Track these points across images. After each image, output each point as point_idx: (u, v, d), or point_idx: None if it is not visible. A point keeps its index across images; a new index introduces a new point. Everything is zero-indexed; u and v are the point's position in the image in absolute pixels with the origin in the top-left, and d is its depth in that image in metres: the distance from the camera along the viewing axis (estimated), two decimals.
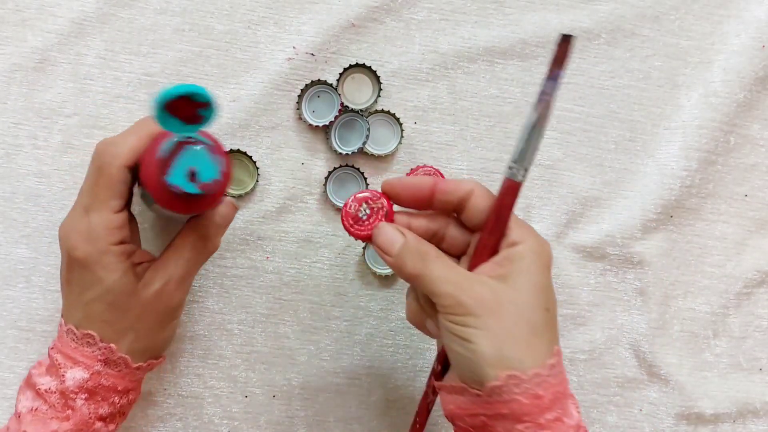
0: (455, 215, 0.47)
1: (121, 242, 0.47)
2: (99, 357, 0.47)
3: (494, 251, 0.44)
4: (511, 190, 0.43)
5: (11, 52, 0.57)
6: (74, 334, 0.47)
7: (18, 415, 0.47)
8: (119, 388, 0.49)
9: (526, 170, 0.43)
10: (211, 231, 0.49)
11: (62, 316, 0.49)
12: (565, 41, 0.42)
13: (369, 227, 0.45)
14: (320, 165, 0.60)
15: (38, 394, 0.47)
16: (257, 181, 0.59)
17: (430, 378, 0.47)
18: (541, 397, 0.40)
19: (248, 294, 0.59)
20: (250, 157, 0.58)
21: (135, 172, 0.47)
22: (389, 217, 0.45)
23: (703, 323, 0.64)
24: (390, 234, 0.44)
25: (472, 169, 0.61)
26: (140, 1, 0.58)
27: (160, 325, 0.49)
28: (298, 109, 0.59)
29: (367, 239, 0.45)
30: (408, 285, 0.48)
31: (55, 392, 0.47)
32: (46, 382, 0.47)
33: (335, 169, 0.59)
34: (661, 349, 0.63)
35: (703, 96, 0.63)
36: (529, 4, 0.62)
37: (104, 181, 0.46)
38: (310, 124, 0.58)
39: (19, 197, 0.57)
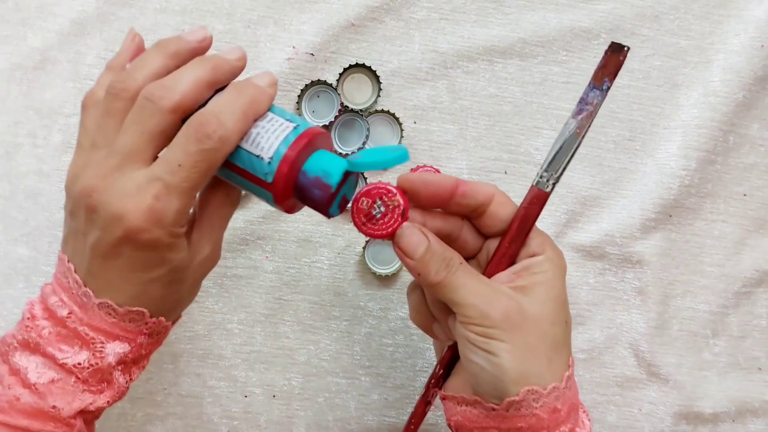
0: (467, 219, 0.45)
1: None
2: (144, 331, 0.42)
3: (513, 261, 0.43)
4: (538, 199, 0.42)
5: (11, 51, 0.57)
6: (113, 310, 0.40)
7: (33, 386, 0.40)
8: (151, 351, 0.45)
9: (556, 181, 0.42)
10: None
11: (87, 285, 0.40)
12: (620, 52, 0.41)
13: (385, 227, 0.42)
14: None
15: (62, 367, 0.40)
16: None
17: (429, 381, 0.46)
18: (559, 410, 0.40)
19: (248, 294, 0.59)
20: None
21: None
22: (405, 216, 0.42)
23: (702, 322, 0.64)
24: (415, 237, 0.41)
25: (472, 168, 0.61)
26: (140, 0, 0.58)
27: (199, 286, 0.45)
28: (297, 108, 0.59)
29: (382, 238, 0.42)
30: (409, 283, 0.47)
31: (87, 368, 0.40)
32: (71, 356, 0.40)
33: None
34: (660, 349, 0.63)
35: (702, 95, 0.63)
36: (528, 4, 0.62)
37: (210, 156, 0.38)
38: None
39: (19, 196, 0.57)
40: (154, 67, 0.40)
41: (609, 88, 0.42)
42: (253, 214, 0.59)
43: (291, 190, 0.40)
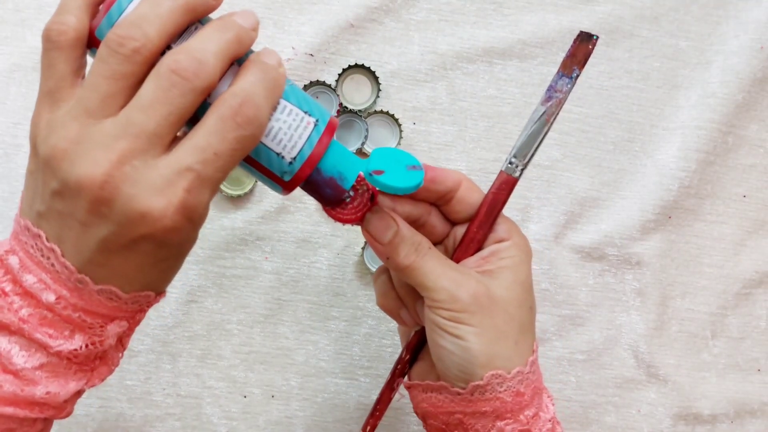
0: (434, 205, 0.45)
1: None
2: (145, 308, 0.39)
3: (480, 246, 0.43)
4: (506, 185, 0.43)
5: (10, 51, 0.57)
6: (116, 295, 0.36)
7: (20, 372, 0.35)
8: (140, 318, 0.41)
9: (524, 167, 0.43)
10: None
11: (82, 271, 0.34)
12: (589, 41, 0.41)
13: (354, 211, 0.42)
14: None
15: (57, 354, 0.36)
16: (256, 181, 0.59)
17: (396, 367, 0.46)
18: (523, 394, 0.41)
19: (247, 294, 0.59)
20: None
21: None
22: (374, 201, 0.42)
23: (702, 324, 0.64)
24: (383, 220, 0.41)
25: (471, 170, 0.61)
26: None
27: None
28: None
29: (351, 223, 0.42)
30: (377, 268, 0.47)
31: (85, 353, 0.36)
32: (64, 343, 0.35)
33: None
34: (659, 350, 0.63)
35: (701, 97, 0.63)
36: (527, 5, 0.62)
37: (241, 144, 0.34)
38: None
39: (19, 197, 0.57)
40: (169, 24, 0.34)
41: (578, 76, 0.42)
42: (252, 214, 0.59)
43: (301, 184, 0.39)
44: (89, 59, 0.35)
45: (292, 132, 0.37)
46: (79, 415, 0.57)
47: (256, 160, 0.37)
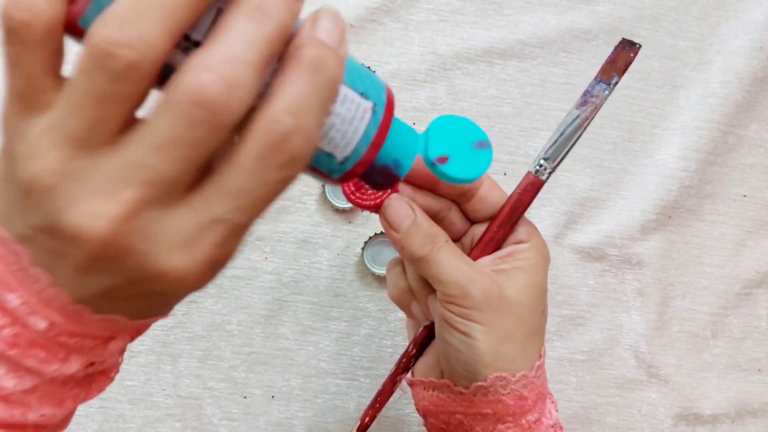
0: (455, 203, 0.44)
1: None
2: (149, 324, 0.33)
3: (499, 246, 0.43)
4: (533, 187, 0.42)
5: None
6: (120, 323, 0.30)
7: (9, 396, 0.29)
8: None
9: (553, 170, 0.42)
10: None
11: (73, 299, 0.28)
12: (632, 48, 0.41)
13: (373, 197, 0.41)
14: None
15: (53, 380, 0.30)
16: None
17: (401, 360, 0.45)
18: (526, 398, 0.40)
19: (247, 294, 0.59)
20: None
21: None
22: (395, 188, 0.40)
23: (702, 324, 0.64)
24: (402, 208, 0.40)
25: None
26: None
27: None
28: None
29: (369, 209, 0.41)
30: (391, 259, 0.47)
31: (81, 372, 0.31)
32: (61, 367, 0.29)
33: None
34: (660, 350, 0.63)
35: (701, 97, 0.63)
36: (527, 5, 0.62)
37: (284, 185, 0.26)
38: None
39: None
40: (179, 14, 0.23)
41: (617, 83, 0.41)
42: None
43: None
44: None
45: (346, 127, 0.29)
46: (79, 416, 0.57)
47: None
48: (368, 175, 0.32)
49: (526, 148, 0.62)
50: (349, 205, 0.59)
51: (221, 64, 0.23)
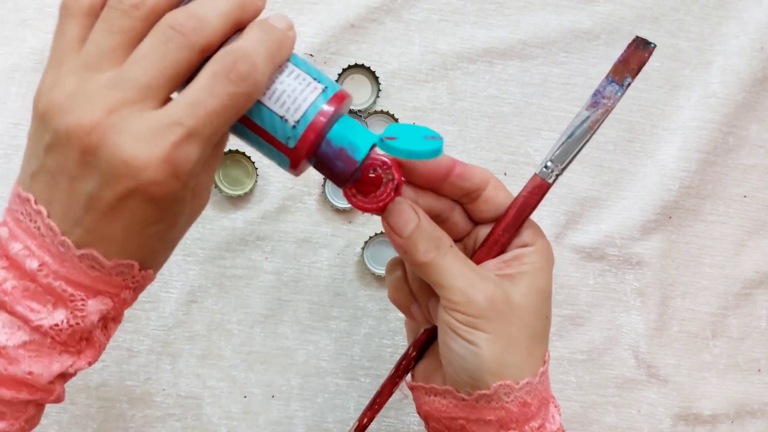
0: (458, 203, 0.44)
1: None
2: (131, 285, 0.37)
3: (503, 249, 0.42)
4: (539, 189, 0.41)
5: (10, 52, 0.57)
6: (98, 262, 0.34)
7: (2, 349, 0.34)
8: (130, 303, 0.40)
9: (560, 173, 0.41)
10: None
11: (63, 232, 0.34)
12: (646, 48, 0.39)
13: (377, 200, 0.39)
14: None
15: (37, 329, 0.35)
16: (256, 181, 0.59)
17: (400, 362, 0.45)
18: (529, 405, 0.40)
19: (247, 294, 0.59)
20: (249, 157, 0.58)
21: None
22: (398, 192, 0.39)
23: (702, 324, 0.64)
24: (406, 213, 0.39)
25: None
26: None
27: (185, 233, 0.40)
28: None
29: (371, 212, 0.40)
30: (390, 259, 0.46)
31: (66, 328, 0.35)
32: (46, 316, 0.34)
33: None
34: (659, 350, 0.63)
35: (702, 97, 0.63)
36: (528, 5, 0.62)
37: (232, 101, 0.33)
38: None
39: None
40: None
41: (630, 84, 0.40)
42: (252, 214, 0.59)
43: (311, 157, 0.37)
44: None
45: (296, 95, 0.35)
46: (79, 416, 0.57)
47: (260, 126, 0.35)
48: (328, 160, 0.36)
49: (527, 148, 0.62)
50: (349, 204, 0.59)
51: (193, 9, 0.33)
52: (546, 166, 0.41)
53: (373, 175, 0.39)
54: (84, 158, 0.32)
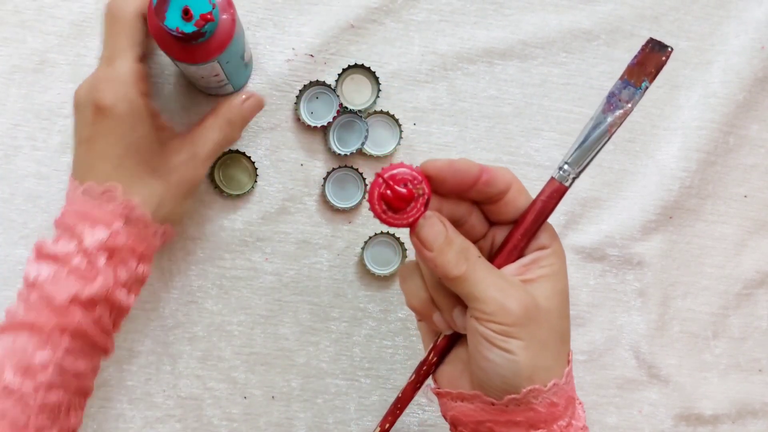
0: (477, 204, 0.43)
1: (146, 94, 0.49)
2: (120, 212, 0.48)
3: (522, 253, 0.42)
4: (557, 193, 0.41)
5: (10, 53, 0.57)
6: (94, 190, 0.48)
7: (32, 285, 0.47)
8: (137, 251, 0.49)
9: (577, 176, 0.41)
10: (236, 118, 0.52)
11: (75, 178, 0.49)
12: (663, 52, 0.39)
13: (407, 216, 0.39)
14: (319, 166, 0.60)
15: (56, 259, 0.47)
16: (256, 182, 0.59)
17: (421, 367, 0.45)
18: (557, 405, 0.40)
19: (247, 295, 0.59)
20: (249, 157, 0.58)
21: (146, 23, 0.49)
22: (428, 206, 0.39)
23: (703, 324, 0.64)
24: (435, 227, 0.39)
25: None
26: None
27: (181, 196, 0.51)
28: (296, 110, 0.59)
29: (400, 227, 0.39)
30: (402, 268, 0.45)
31: (76, 253, 0.47)
32: (62, 247, 0.47)
33: (334, 170, 0.59)
34: (660, 350, 0.63)
35: (702, 97, 0.63)
36: (528, 5, 0.62)
37: (121, 29, 0.48)
38: (309, 125, 0.58)
39: (18, 198, 0.57)
40: None
41: (647, 88, 0.39)
42: (252, 215, 0.59)
43: (167, 37, 0.46)
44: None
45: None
46: None
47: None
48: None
49: (527, 148, 0.62)
50: (349, 205, 0.59)
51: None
52: (563, 170, 0.41)
53: (404, 190, 0.39)
54: (75, 113, 0.51)
